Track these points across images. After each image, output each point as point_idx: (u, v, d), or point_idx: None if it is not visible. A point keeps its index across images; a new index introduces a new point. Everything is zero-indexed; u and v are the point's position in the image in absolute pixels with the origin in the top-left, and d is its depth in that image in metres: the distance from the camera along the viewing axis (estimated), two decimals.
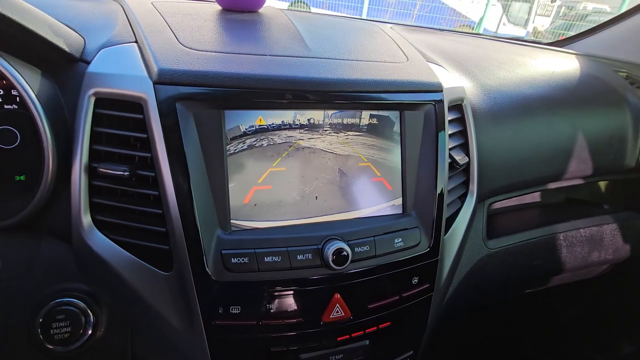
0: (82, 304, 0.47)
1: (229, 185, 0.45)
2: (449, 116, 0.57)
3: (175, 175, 0.42)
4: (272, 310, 0.44)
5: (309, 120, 0.48)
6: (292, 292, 0.45)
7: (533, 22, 6.83)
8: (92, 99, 0.44)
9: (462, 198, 0.63)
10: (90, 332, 0.47)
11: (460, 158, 0.59)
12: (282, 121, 0.47)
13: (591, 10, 6.68)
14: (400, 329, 0.53)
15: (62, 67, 0.47)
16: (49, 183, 0.44)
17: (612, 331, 1.21)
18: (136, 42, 0.49)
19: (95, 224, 0.45)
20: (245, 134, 0.46)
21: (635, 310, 1.14)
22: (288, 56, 0.49)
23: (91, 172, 0.44)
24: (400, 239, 0.50)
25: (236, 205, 0.46)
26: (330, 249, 0.44)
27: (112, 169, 0.43)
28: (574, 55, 0.93)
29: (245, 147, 0.46)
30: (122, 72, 0.44)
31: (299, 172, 0.48)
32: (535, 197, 0.92)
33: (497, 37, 1.11)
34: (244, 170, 0.46)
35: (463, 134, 0.63)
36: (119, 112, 0.44)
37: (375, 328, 0.50)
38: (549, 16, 6.86)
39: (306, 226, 0.48)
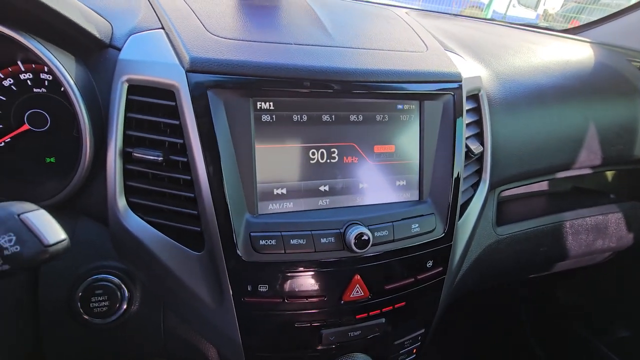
0: (117, 280, 0.50)
1: (257, 171, 0.47)
2: (466, 106, 0.58)
3: (207, 161, 0.44)
4: (296, 289, 0.47)
5: (334, 108, 0.50)
6: (315, 272, 0.48)
7: (544, 5, 6.66)
8: (125, 86, 0.45)
9: (475, 186, 0.65)
10: (125, 306, 0.50)
11: (475, 147, 0.61)
12: (308, 110, 0.49)
13: None
14: (413, 308, 0.56)
15: (93, 52, 0.48)
16: (86, 166, 0.46)
17: (610, 316, 1.25)
18: (163, 28, 0.50)
19: (129, 206, 0.47)
20: (272, 122, 0.48)
21: (633, 295, 1.18)
22: (313, 45, 0.50)
23: (125, 156, 0.46)
24: (417, 225, 0.52)
25: (263, 190, 0.48)
26: (353, 233, 0.47)
27: (146, 154, 0.45)
28: (588, 44, 0.93)
29: (272, 133, 0.48)
30: (154, 59, 0.45)
31: (323, 159, 0.50)
32: (543, 185, 0.94)
33: (511, 24, 1.10)
34: (270, 157, 0.48)
35: (478, 123, 0.64)
36: (151, 99, 0.45)
37: (391, 307, 0.53)
38: None
39: (329, 211, 0.50)
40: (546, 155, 0.76)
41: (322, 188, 0.51)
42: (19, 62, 0.46)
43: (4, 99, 0.48)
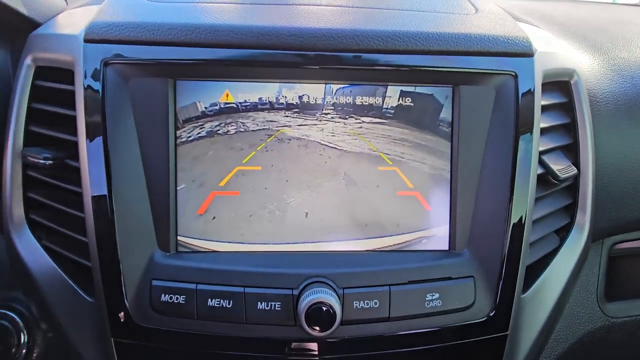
0: (20, 322, 0.38)
1: (177, 188, 0.32)
2: (543, 99, 0.35)
3: (92, 168, 0.30)
4: None
5: (301, 97, 0.32)
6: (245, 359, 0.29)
7: None
8: (32, 68, 0.35)
9: (563, 233, 0.39)
10: (24, 353, 0.38)
11: (561, 168, 0.37)
12: (260, 98, 0.32)
13: None
14: None
15: (21, 33, 0.39)
16: None
17: None
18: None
19: (28, 224, 0.35)
20: (204, 115, 0.32)
21: None
22: (281, 4, 0.34)
23: (24, 159, 0.35)
24: (436, 295, 0.30)
25: (186, 216, 0.32)
26: (306, 301, 0.27)
27: (35, 156, 0.33)
28: None
29: (203, 133, 0.32)
30: (59, 32, 0.34)
31: (282, 174, 0.32)
32: None
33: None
34: (200, 167, 0.32)
35: (570, 129, 0.39)
36: (54, 84, 0.34)
37: None
38: None
39: (283, 256, 0.32)
40: None
41: (278, 218, 0.33)
42: None
43: None
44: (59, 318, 0.34)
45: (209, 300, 0.29)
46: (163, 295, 0.29)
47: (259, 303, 0.29)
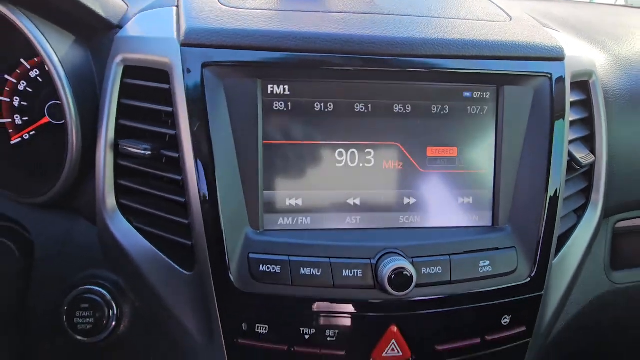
0: (106, 294, 0.42)
1: (263, 174, 0.36)
2: (571, 96, 0.41)
3: (198, 158, 0.35)
4: (307, 337, 0.35)
5: (371, 95, 0.37)
6: (334, 317, 0.35)
7: None
8: (120, 67, 0.38)
9: (580, 211, 0.46)
10: (113, 324, 0.42)
11: (582, 156, 0.43)
12: (335, 96, 0.37)
13: None
14: None
15: (98, 33, 0.43)
16: (73, 161, 0.40)
17: None
18: (177, 5, 0.43)
19: (120, 208, 0.40)
20: (286, 111, 0.36)
21: None
22: (348, 12, 0.39)
23: (116, 150, 0.39)
24: (487, 262, 0.36)
25: (271, 199, 0.37)
26: (388, 267, 0.33)
27: (134, 147, 0.37)
28: None
29: (285, 126, 0.37)
30: (151, 35, 0.38)
31: (354, 163, 0.37)
32: None
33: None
34: (282, 157, 0.37)
35: (588, 123, 0.46)
36: (146, 82, 0.38)
37: None
38: None
39: (359, 233, 0.37)
40: None
41: (350, 201, 0.38)
42: (22, 61, 0.43)
43: (31, 90, 0.45)
44: (155, 291, 0.38)
45: (301, 269, 0.34)
46: (261, 265, 0.34)
47: (344, 271, 0.34)
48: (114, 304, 0.43)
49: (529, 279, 0.38)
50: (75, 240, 0.45)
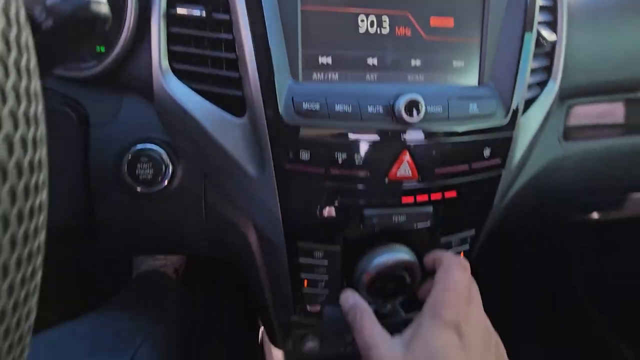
0: (162, 150, 0.50)
1: (301, 35, 0.44)
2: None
3: (251, 19, 0.42)
4: (339, 160, 0.45)
5: None
6: (360, 143, 0.45)
7: None
8: None
9: (543, 85, 0.57)
10: (170, 175, 0.50)
11: (548, 34, 0.54)
12: None
13: None
14: (465, 202, 0.51)
15: None
16: (130, 28, 0.45)
17: None
18: None
19: (173, 72, 0.46)
20: None
21: None
22: None
23: (169, 18, 0.45)
24: (475, 105, 0.47)
25: (307, 56, 0.45)
26: (403, 99, 0.43)
27: (188, 9, 0.43)
28: None
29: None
30: None
31: (373, 29, 0.46)
32: (625, 122, 0.82)
33: None
34: (316, 22, 0.45)
35: (552, 11, 0.56)
36: None
37: (440, 196, 0.49)
38: None
39: (377, 84, 0.47)
40: (629, 64, 0.66)
41: (370, 61, 0.47)
42: None
43: None
44: (212, 138, 0.46)
45: (336, 105, 0.43)
46: (304, 103, 0.43)
47: (369, 107, 0.44)
48: (168, 159, 0.51)
49: (503, 121, 0.49)
50: (127, 110, 0.51)
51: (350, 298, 0.46)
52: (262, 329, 0.86)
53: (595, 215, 0.88)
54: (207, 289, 1.35)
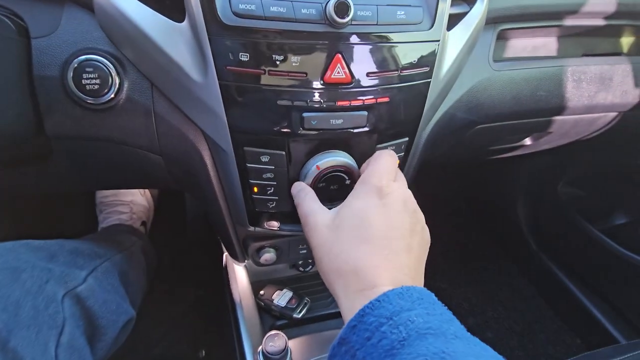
0: (107, 61, 0.51)
1: None
2: None
3: None
4: (277, 62, 0.48)
5: None
6: (296, 45, 0.48)
7: None
8: None
9: (471, 4, 0.62)
10: (117, 85, 0.52)
11: None
12: None
13: None
14: (397, 109, 0.56)
15: None
16: None
17: (609, 199, 1.25)
18: None
19: None
20: None
21: (632, 176, 1.17)
22: None
23: None
24: (403, 12, 0.51)
25: None
26: (333, 0, 0.46)
27: None
28: None
29: None
30: None
31: None
32: (550, 50, 0.89)
33: None
34: None
35: None
36: None
37: (374, 100, 0.54)
38: None
39: None
40: None
41: None
42: None
43: None
44: (155, 43, 0.48)
45: (271, 7, 0.46)
46: (240, 4, 0.45)
47: (302, 9, 0.47)
48: (115, 70, 0.52)
49: (429, 29, 0.54)
50: (69, 21, 0.52)
51: (298, 184, 0.54)
52: (225, 254, 0.92)
53: (527, 141, 0.97)
54: (172, 240, 1.39)
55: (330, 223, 0.45)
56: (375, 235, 0.42)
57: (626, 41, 0.94)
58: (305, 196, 0.50)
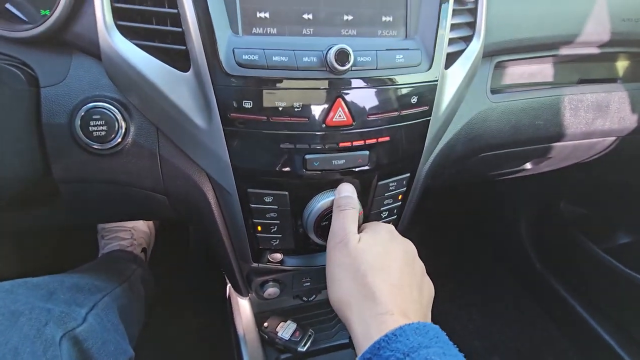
0: (114, 108, 0.53)
1: None
2: None
3: None
4: (279, 108, 0.49)
5: None
6: (298, 91, 0.49)
7: None
8: None
9: (467, 41, 0.64)
10: (123, 131, 0.53)
11: None
12: None
13: None
14: (398, 146, 0.57)
15: None
16: None
17: (611, 222, 1.25)
18: None
19: (118, 29, 0.48)
20: None
21: (634, 196, 1.17)
22: None
23: None
24: (401, 56, 0.52)
25: (245, 11, 0.48)
26: (333, 49, 0.47)
27: None
28: None
29: None
30: None
31: None
32: (547, 76, 0.91)
33: None
34: None
35: None
36: None
37: (375, 140, 0.55)
38: None
39: (313, 38, 0.51)
40: (548, 24, 0.73)
41: (305, 16, 0.51)
42: None
43: None
44: (160, 91, 0.49)
45: (273, 56, 0.47)
46: (244, 55, 0.47)
47: (304, 57, 0.48)
48: (120, 116, 0.53)
49: (428, 70, 0.55)
50: (77, 70, 0.53)
51: (348, 198, 0.55)
52: (228, 285, 0.91)
53: (528, 166, 0.98)
54: (175, 266, 1.39)
55: (359, 245, 0.47)
56: (393, 267, 0.44)
57: (621, 65, 0.96)
58: (347, 212, 0.52)
